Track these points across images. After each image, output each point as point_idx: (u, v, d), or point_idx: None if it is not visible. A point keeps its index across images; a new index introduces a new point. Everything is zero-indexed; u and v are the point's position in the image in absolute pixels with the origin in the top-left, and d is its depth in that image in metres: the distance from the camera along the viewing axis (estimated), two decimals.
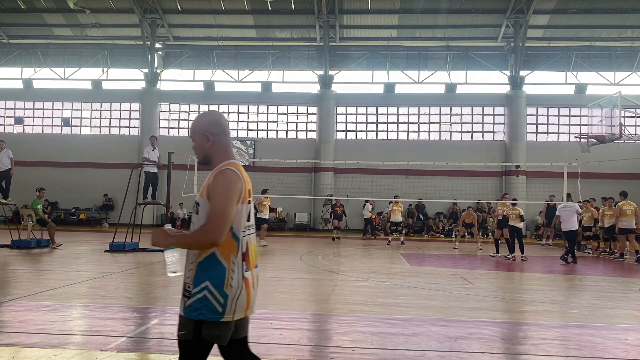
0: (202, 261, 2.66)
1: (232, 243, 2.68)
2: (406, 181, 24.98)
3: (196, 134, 2.88)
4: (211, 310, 2.63)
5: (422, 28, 27.34)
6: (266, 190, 18.06)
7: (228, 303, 2.64)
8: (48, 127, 29.23)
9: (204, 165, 2.91)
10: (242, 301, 2.70)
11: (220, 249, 2.65)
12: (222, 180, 2.68)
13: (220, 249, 2.65)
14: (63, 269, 10.53)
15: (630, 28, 26.49)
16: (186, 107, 28.82)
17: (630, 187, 24.00)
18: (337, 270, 11.25)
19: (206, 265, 2.65)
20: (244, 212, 2.74)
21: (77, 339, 5.23)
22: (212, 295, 2.63)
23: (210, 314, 2.62)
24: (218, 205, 2.63)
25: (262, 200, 17.45)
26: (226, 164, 2.80)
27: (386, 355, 4.90)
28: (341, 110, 28.33)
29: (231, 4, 26.52)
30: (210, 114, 2.96)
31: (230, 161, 2.84)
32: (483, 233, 22.43)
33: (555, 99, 27.57)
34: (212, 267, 2.65)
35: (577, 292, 9.64)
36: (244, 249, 2.74)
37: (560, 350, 5.34)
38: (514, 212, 14.34)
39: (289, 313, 6.77)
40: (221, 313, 2.63)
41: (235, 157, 2.91)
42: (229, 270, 2.66)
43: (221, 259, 2.66)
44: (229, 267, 2.66)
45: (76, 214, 27.37)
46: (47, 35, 29.00)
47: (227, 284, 2.64)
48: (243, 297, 2.70)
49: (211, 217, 2.62)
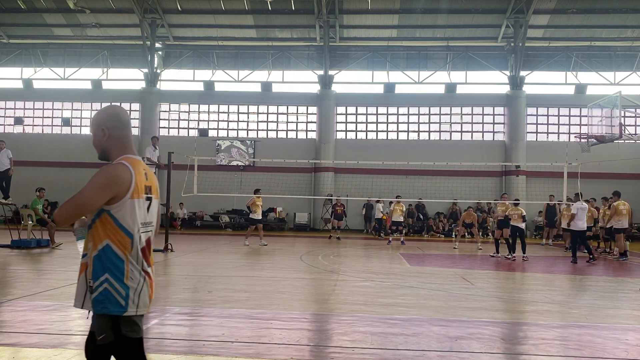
0: (97, 254, 2.65)
1: (124, 239, 2.67)
2: (406, 181, 24.97)
3: (94, 128, 2.85)
4: (113, 303, 2.61)
5: (422, 28, 27.34)
6: (258, 190, 18.11)
7: (130, 296, 2.63)
8: (48, 127, 29.23)
9: (103, 160, 2.89)
10: (144, 296, 2.69)
11: (116, 243, 2.64)
12: (102, 172, 2.67)
13: (115, 243, 2.64)
14: (63, 269, 10.53)
15: (630, 28, 26.49)
16: (186, 107, 28.83)
17: (630, 187, 24.15)
18: (337, 270, 11.25)
19: (102, 258, 2.64)
20: (137, 207, 2.71)
21: (77, 339, 5.22)
22: (114, 288, 2.61)
23: (114, 307, 2.61)
24: (81, 192, 2.64)
25: (255, 201, 17.47)
26: (121, 158, 2.79)
27: (386, 355, 4.90)
28: (341, 110, 28.33)
29: (231, 4, 26.52)
30: (110, 109, 2.92)
31: (126, 156, 2.81)
32: (483, 233, 22.43)
33: (555, 99, 27.57)
34: (109, 260, 2.64)
35: (577, 292, 9.64)
36: (142, 244, 2.73)
37: (560, 350, 5.33)
38: (516, 212, 14.40)
39: (289, 313, 6.76)
40: (124, 306, 2.62)
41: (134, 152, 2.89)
42: (127, 263, 2.65)
43: (118, 252, 2.64)
44: (127, 261, 2.65)
45: None
46: (47, 35, 29.00)
47: (127, 277, 2.63)
48: (145, 292, 2.70)
49: (68, 199, 2.65)
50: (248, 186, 19.96)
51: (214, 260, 13.17)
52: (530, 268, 12.90)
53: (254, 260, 13.39)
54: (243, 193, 21.78)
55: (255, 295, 8.09)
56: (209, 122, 28.73)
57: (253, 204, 17.49)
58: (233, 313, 6.59)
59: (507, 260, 14.07)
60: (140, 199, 2.74)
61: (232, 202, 25.43)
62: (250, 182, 24.12)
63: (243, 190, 23.23)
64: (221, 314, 6.51)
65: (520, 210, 14.46)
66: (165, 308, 6.82)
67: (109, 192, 2.64)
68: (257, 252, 15.05)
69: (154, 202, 2.89)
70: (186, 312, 6.64)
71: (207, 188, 20.04)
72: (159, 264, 11.62)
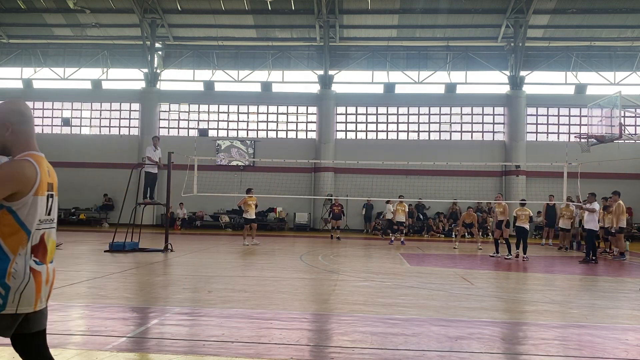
0: None
1: (21, 235, 2.64)
2: (406, 181, 24.97)
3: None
4: None
5: (422, 28, 27.34)
6: (250, 189, 18.28)
7: (10, 295, 2.60)
8: (48, 127, 29.23)
9: (4, 155, 2.84)
10: (28, 294, 2.65)
11: (7, 240, 2.61)
12: (5, 167, 2.64)
13: (7, 240, 2.61)
14: (63, 269, 10.51)
15: (630, 28, 26.49)
16: (186, 107, 28.82)
17: (630, 187, 24.16)
18: (337, 270, 11.25)
19: None
20: (38, 204, 2.69)
21: (77, 339, 5.23)
22: None
23: None
24: None
25: (246, 200, 17.66)
26: (25, 154, 2.75)
27: (386, 355, 4.90)
28: (341, 110, 28.33)
29: (231, 4, 26.52)
30: (12, 103, 2.86)
31: (30, 152, 2.77)
32: (483, 233, 22.44)
33: (555, 99, 27.57)
34: None
35: (577, 292, 9.64)
36: (35, 241, 2.70)
37: (560, 350, 5.34)
38: (523, 212, 14.50)
39: (289, 313, 6.77)
40: (1, 305, 2.59)
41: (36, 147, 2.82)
42: (13, 262, 2.61)
43: (6, 250, 2.61)
44: (13, 259, 2.62)
45: (76, 214, 27.37)
46: (47, 35, 29.00)
47: (8, 276, 2.60)
48: (30, 290, 2.66)
49: None
50: (248, 186, 19.95)
51: (214, 260, 13.17)
52: (530, 268, 12.91)
53: (254, 260, 13.39)
54: (243, 193, 21.76)
55: (255, 295, 8.08)
56: (209, 122, 28.73)
57: (244, 203, 17.73)
58: (233, 313, 6.60)
59: (506, 260, 14.08)
60: (42, 196, 2.72)
61: (232, 202, 25.42)
62: (250, 182, 24.11)
63: (243, 190, 23.14)
64: (221, 314, 6.51)
65: (528, 210, 14.62)
66: (165, 308, 6.83)
67: (12, 188, 2.60)
68: (257, 252, 15.05)
69: (55, 200, 2.87)
70: (186, 312, 6.64)
71: (207, 188, 20.05)
72: (159, 264, 11.63)
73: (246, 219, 17.75)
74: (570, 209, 18.09)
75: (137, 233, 14.25)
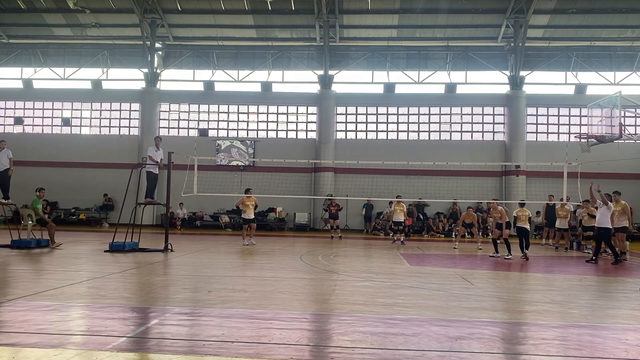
0: None
1: None
2: (406, 181, 24.97)
3: None
4: None
5: (422, 28, 27.35)
6: (249, 189, 18.34)
7: None
8: (48, 127, 29.23)
9: None
10: None
11: None
12: None
13: None
14: (63, 269, 10.53)
15: (630, 28, 26.49)
16: (186, 107, 28.82)
17: (630, 187, 24.15)
18: (337, 270, 11.25)
19: None
20: None
21: (77, 339, 5.23)
22: None
23: None
24: None
25: (244, 201, 17.77)
26: None
27: (386, 355, 4.90)
28: (341, 110, 28.33)
29: (231, 4, 26.52)
30: None
31: None
32: (483, 233, 22.43)
33: (555, 99, 27.57)
34: None
35: (577, 292, 9.63)
36: None
37: (560, 350, 5.33)
38: (523, 213, 14.59)
39: (289, 313, 6.76)
40: None
41: None
42: None
43: None
44: None
45: (76, 214, 27.37)
46: (47, 35, 29.01)
47: None
48: None
49: None
50: (248, 186, 19.95)
51: (214, 260, 13.16)
52: (530, 268, 12.90)
53: (254, 260, 13.39)
54: (243, 193, 21.78)
55: (255, 295, 8.08)
56: (209, 122, 28.73)
57: (242, 203, 17.88)
58: (233, 313, 6.59)
59: (506, 261, 14.07)
60: None
61: (232, 202, 25.41)
62: (250, 182, 24.11)
63: (243, 190, 23.18)
64: (221, 314, 6.51)
65: (527, 211, 14.72)
66: (165, 308, 6.83)
67: None
68: (257, 252, 15.05)
69: None
70: (186, 312, 6.64)
71: (207, 188, 20.05)
72: (159, 264, 11.63)
73: (244, 219, 17.83)
74: (566, 209, 18.10)
75: (137, 233, 14.25)
